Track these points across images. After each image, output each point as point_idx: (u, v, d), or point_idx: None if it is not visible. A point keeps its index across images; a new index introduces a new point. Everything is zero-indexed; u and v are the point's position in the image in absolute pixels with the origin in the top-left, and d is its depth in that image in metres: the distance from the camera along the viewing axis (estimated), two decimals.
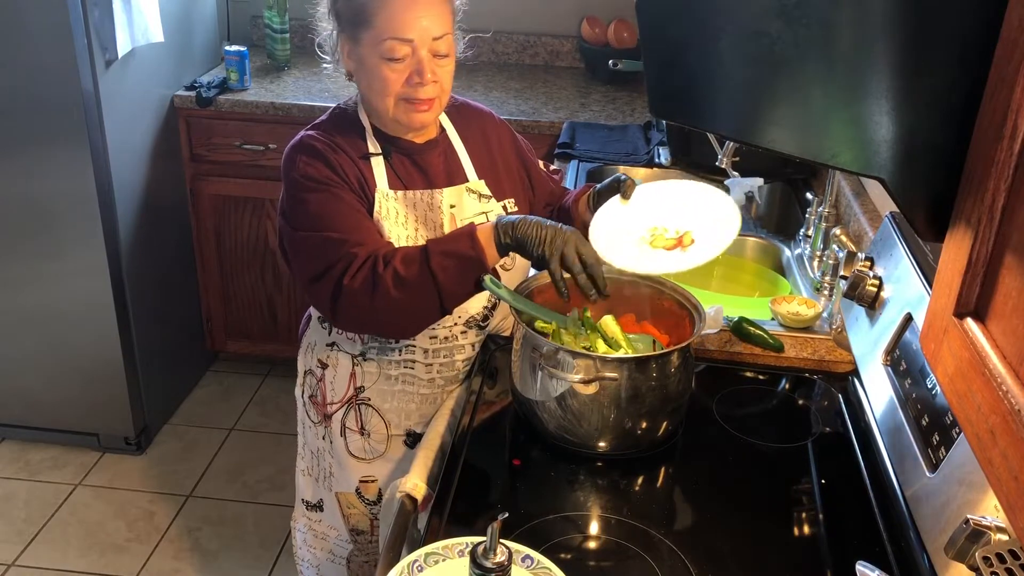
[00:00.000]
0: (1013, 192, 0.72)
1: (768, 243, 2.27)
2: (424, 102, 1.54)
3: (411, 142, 1.63)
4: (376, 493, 1.77)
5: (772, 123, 0.95)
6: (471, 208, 1.64)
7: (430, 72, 1.51)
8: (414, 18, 1.49)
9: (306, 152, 1.57)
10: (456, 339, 1.68)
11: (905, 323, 1.39)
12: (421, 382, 1.69)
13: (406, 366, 1.67)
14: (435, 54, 1.52)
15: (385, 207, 1.58)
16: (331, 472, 1.79)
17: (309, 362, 1.77)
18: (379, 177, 1.59)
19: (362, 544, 1.84)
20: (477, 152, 1.70)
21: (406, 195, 1.60)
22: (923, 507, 1.25)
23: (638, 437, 1.50)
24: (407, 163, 1.63)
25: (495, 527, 1.10)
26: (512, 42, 3.51)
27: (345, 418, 1.74)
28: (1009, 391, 0.69)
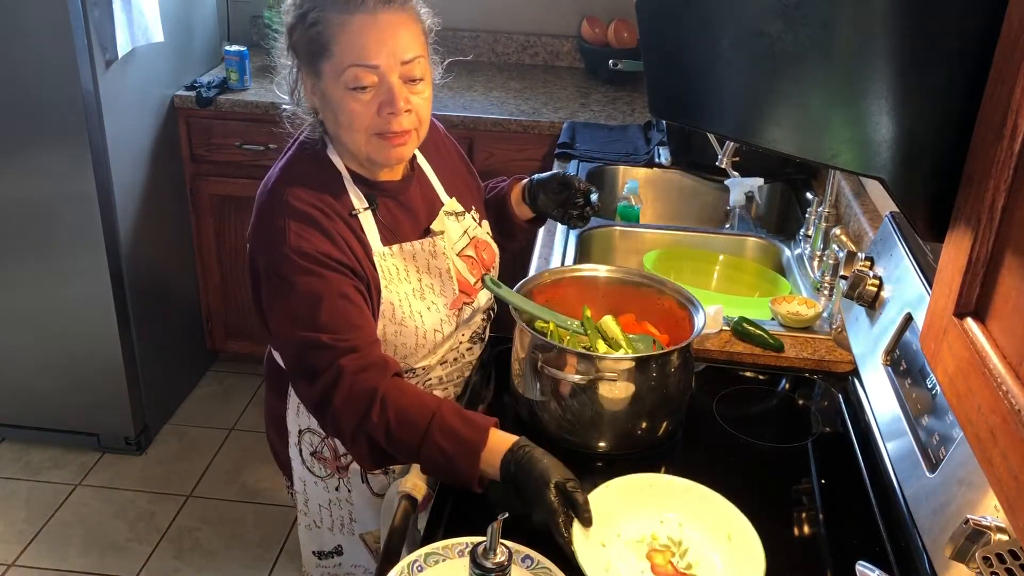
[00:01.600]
0: (1013, 192, 0.72)
1: (768, 243, 2.27)
2: (399, 135, 1.39)
3: (392, 182, 1.52)
4: None
5: (772, 123, 0.95)
6: (454, 232, 1.59)
7: (402, 100, 1.36)
8: (377, 41, 1.34)
9: (298, 219, 1.39)
10: (464, 356, 1.66)
11: (905, 323, 1.39)
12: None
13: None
14: (407, 79, 1.37)
15: (384, 267, 1.46)
16: (352, 519, 1.70)
17: (306, 421, 1.63)
18: (371, 236, 1.46)
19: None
20: (440, 169, 1.63)
21: (402, 248, 1.50)
22: (923, 507, 1.25)
23: (638, 437, 1.50)
24: (392, 206, 1.51)
25: (495, 527, 1.10)
26: (512, 42, 3.51)
27: None
28: (1009, 391, 0.69)
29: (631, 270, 1.71)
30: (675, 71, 1.04)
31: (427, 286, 1.53)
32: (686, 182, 2.68)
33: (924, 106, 0.84)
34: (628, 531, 1.30)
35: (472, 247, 1.63)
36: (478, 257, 1.63)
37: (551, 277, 1.66)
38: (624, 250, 2.30)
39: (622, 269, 1.71)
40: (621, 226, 2.33)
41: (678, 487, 1.36)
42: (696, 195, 2.69)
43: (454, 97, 3.10)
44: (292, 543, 2.73)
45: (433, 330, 1.53)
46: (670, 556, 1.28)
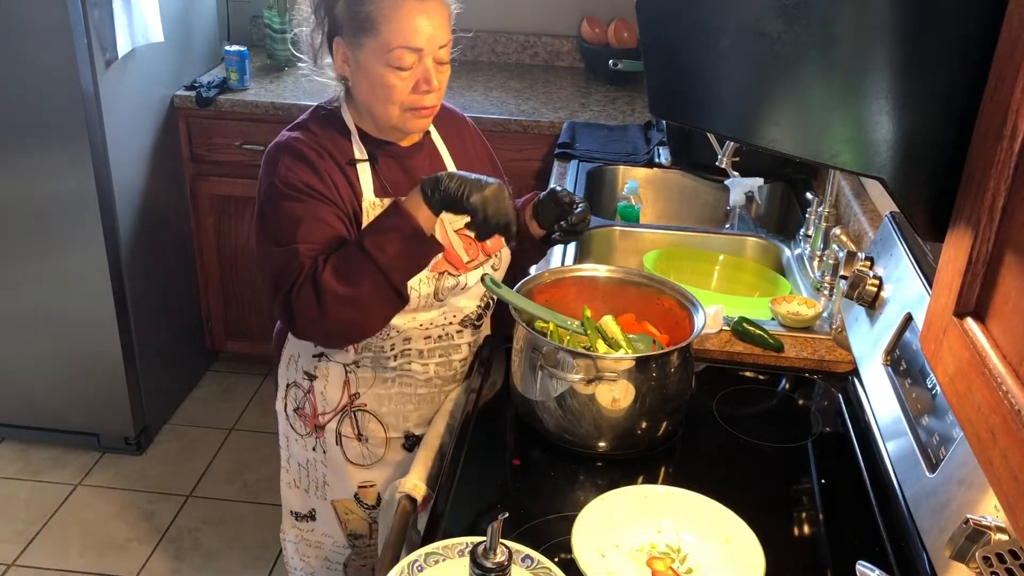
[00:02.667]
0: (1013, 192, 0.72)
1: (768, 243, 2.27)
2: (428, 109, 1.55)
3: (399, 146, 1.63)
4: (375, 498, 1.77)
5: (772, 123, 0.95)
6: None
7: (436, 80, 1.52)
8: (422, 27, 1.48)
9: (291, 155, 1.53)
10: (452, 338, 1.68)
11: (905, 323, 1.39)
12: (419, 382, 1.69)
13: (403, 368, 1.67)
14: (438, 61, 1.53)
15: (370, 214, 1.55)
16: (325, 482, 1.78)
17: (292, 375, 1.73)
18: (365, 184, 1.57)
19: (360, 548, 1.84)
20: (457, 153, 1.72)
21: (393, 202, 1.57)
22: (923, 507, 1.25)
23: (638, 437, 1.50)
24: (394, 167, 1.62)
25: (495, 527, 1.10)
26: (512, 42, 3.50)
27: (340, 426, 1.72)
28: (1009, 391, 0.69)
29: (631, 270, 1.71)
30: (675, 71, 1.04)
31: None
32: (686, 182, 2.69)
33: (924, 106, 0.84)
34: (626, 542, 1.31)
35: None
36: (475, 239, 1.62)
37: (551, 277, 1.66)
38: (624, 250, 2.30)
39: (622, 269, 1.71)
40: (621, 226, 2.33)
41: (673, 496, 1.36)
42: (696, 195, 2.69)
43: (454, 97, 3.10)
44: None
45: (410, 288, 1.54)
46: (670, 562, 1.28)
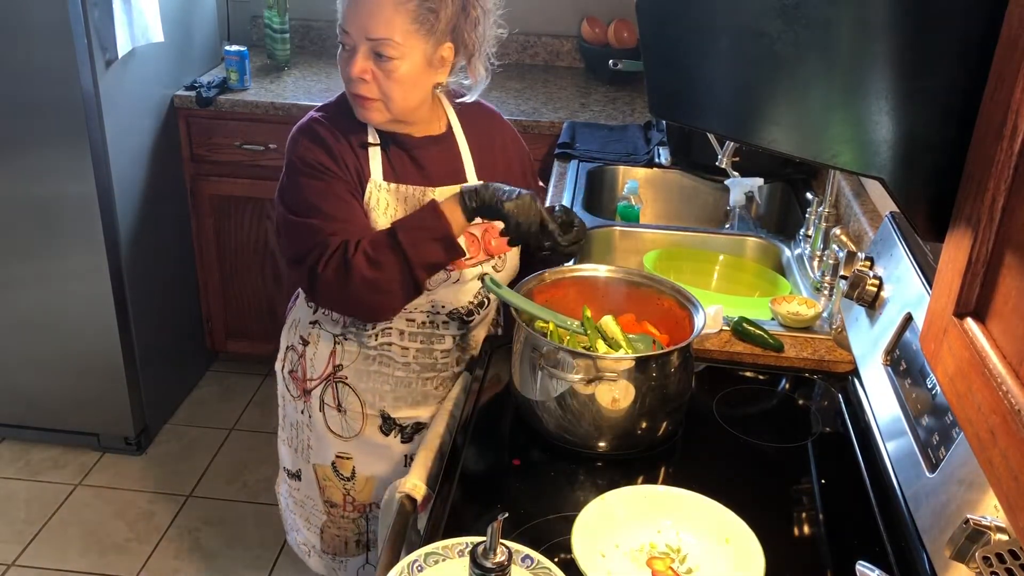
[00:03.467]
0: (1013, 192, 0.72)
1: (768, 243, 2.27)
2: (362, 98, 1.56)
3: (408, 136, 1.66)
4: (351, 471, 1.80)
5: (772, 123, 0.95)
6: None
7: (358, 69, 1.52)
8: (355, 11, 1.52)
9: (309, 136, 1.62)
10: (437, 328, 1.70)
11: (905, 323, 1.39)
12: (396, 364, 1.72)
13: (383, 348, 1.70)
14: (375, 53, 1.52)
15: (376, 197, 1.62)
16: (309, 445, 1.84)
17: (292, 338, 1.82)
18: (374, 167, 1.63)
19: (335, 517, 1.87)
20: (481, 152, 1.72)
21: (398, 188, 1.63)
22: (923, 507, 1.25)
23: (638, 437, 1.50)
24: (404, 157, 1.66)
25: (495, 527, 1.10)
26: (512, 42, 3.50)
27: (323, 394, 1.77)
28: (1009, 391, 0.69)
29: (631, 270, 1.71)
30: (675, 71, 1.04)
31: None
32: (686, 182, 2.69)
33: (924, 106, 0.84)
34: (626, 542, 1.31)
35: (479, 228, 1.68)
36: (483, 239, 1.68)
37: (551, 277, 1.65)
38: (624, 250, 2.30)
39: (622, 269, 1.71)
40: (621, 226, 2.33)
41: (673, 497, 1.36)
42: (696, 195, 2.69)
43: None
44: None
45: None
46: (670, 562, 1.28)
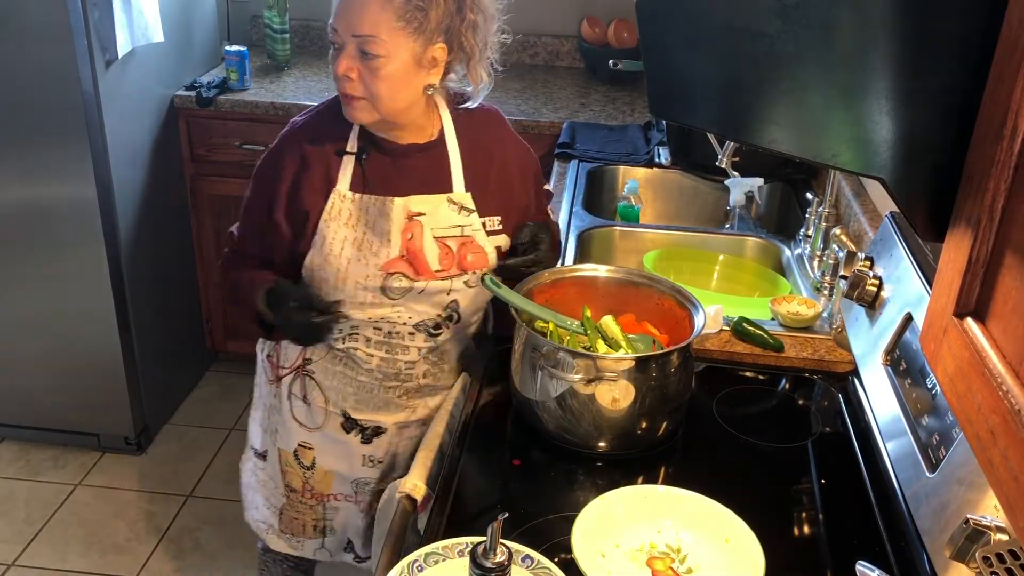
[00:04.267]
0: (1013, 192, 0.72)
1: (768, 243, 2.27)
2: (348, 97, 1.54)
3: (393, 143, 1.62)
4: (311, 460, 1.81)
5: (772, 123, 0.95)
6: (447, 219, 1.61)
7: (344, 66, 1.50)
8: (343, 9, 1.50)
9: (278, 142, 1.65)
10: (402, 338, 1.67)
11: (905, 323, 1.39)
12: (360, 369, 1.71)
13: (349, 351, 1.70)
14: (361, 51, 1.50)
15: (338, 207, 1.59)
16: (276, 429, 1.85)
17: None
18: (343, 177, 1.61)
19: (294, 501, 1.88)
20: (474, 162, 1.67)
21: (361, 199, 1.60)
22: (923, 507, 1.25)
23: (638, 437, 1.50)
24: (386, 164, 1.62)
25: (495, 527, 1.10)
26: (512, 42, 3.49)
27: (292, 384, 1.78)
28: (1009, 391, 0.69)
29: (631, 270, 1.71)
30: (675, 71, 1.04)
31: (368, 240, 1.59)
32: (686, 182, 2.68)
33: (924, 106, 0.84)
34: (626, 542, 1.31)
35: (457, 241, 1.62)
36: (457, 252, 1.63)
37: (551, 277, 1.66)
38: (624, 250, 2.30)
39: (622, 269, 1.71)
40: (621, 226, 2.33)
41: (673, 497, 1.37)
42: (696, 195, 2.69)
43: None
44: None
45: (355, 281, 1.60)
46: (670, 562, 1.28)
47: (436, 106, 1.65)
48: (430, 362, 1.72)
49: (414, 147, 1.63)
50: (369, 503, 1.83)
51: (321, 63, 3.41)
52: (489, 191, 1.66)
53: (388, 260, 1.58)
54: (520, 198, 1.72)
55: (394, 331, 1.67)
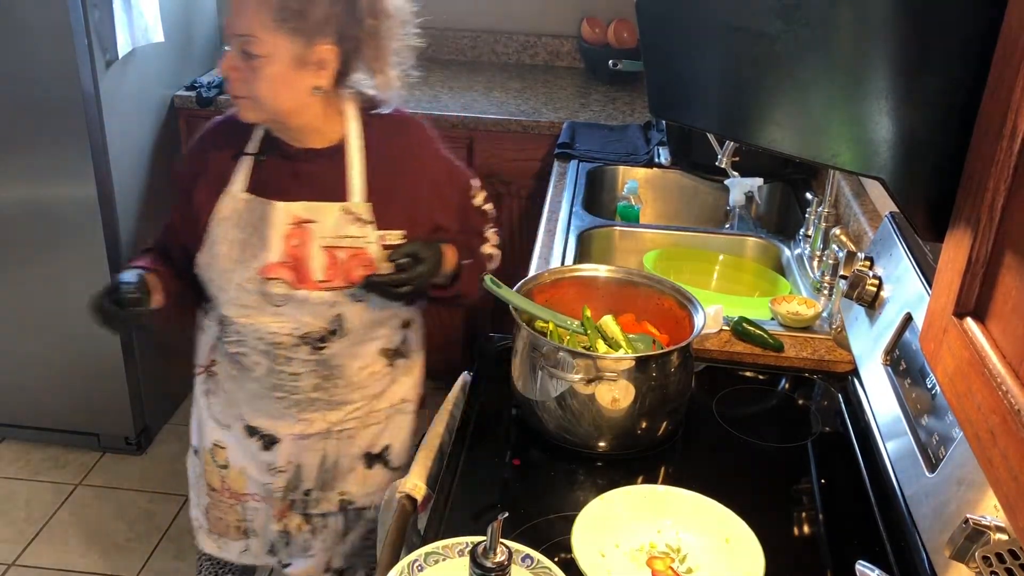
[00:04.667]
0: (1013, 192, 0.72)
1: (768, 243, 2.27)
2: (234, 97, 1.52)
3: (291, 146, 1.59)
4: (225, 459, 1.77)
5: (772, 123, 0.95)
6: (338, 229, 1.56)
7: (226, 65, 1.49)
8: (231, 10, 1.48)
9: (194, 141, 1.69)
10: (286, 349, 1.62)
11: (905, 323, 1.39)
12: (249, 375, 1.67)
13: (238, 356, 1.67)
14: (244, 51, 1.48)
15: (229, 208, 1.58)
16: (199, 425, 1.83)
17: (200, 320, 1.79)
18: (238, 178, 1.59)
19: (216, 500, 1.83)
20: (380, 172, 1.59)
21: (249, 201, 1.58)
22: (923, 507, 1.25)
23: (638, 437, 1.50)
24: (283, 168, 1.59)
25: (495, 527, 1.10)
26: (512, 42, 3.50)
27: (205, 383, 1.77)
28: (1009, 391, 0.69)
29: (631, 270, 1.71)
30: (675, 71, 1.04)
31: (251, 243, 1.58)
32: (686, 182, 2.69)
33: (924, 106, 0.84)
34: (626, 542, 1.31)
35: (347, 252, 1.57)
36: (345, 264, 1.57)
37: (551, 277, 1.66)
38: (624, 250, 2.30)
39: (622, 269, 1.71)
40: (621, 226, 2.33)
41: (673, 496, 1.37)
42: (696, 195, 2.69)
43: (454, 97, 3.11)
44: None
45: (237, 283, 1.58)
46: (670, 562, 1.28)
47: (340, 109, 1.59)
48: (320, 376, 1.65)
49: (312, 152, 1.59)
50: (281, 511, 1.79)
51: None
52: (394, 203, 1.60)
53: (266, 265, 1.55)
54: (431, 215, 1.64)
55: (277, 341, 1.61)
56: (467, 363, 1.82)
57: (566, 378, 1.43)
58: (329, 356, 1.64)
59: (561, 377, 1.43)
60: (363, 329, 1.64)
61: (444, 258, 1.61)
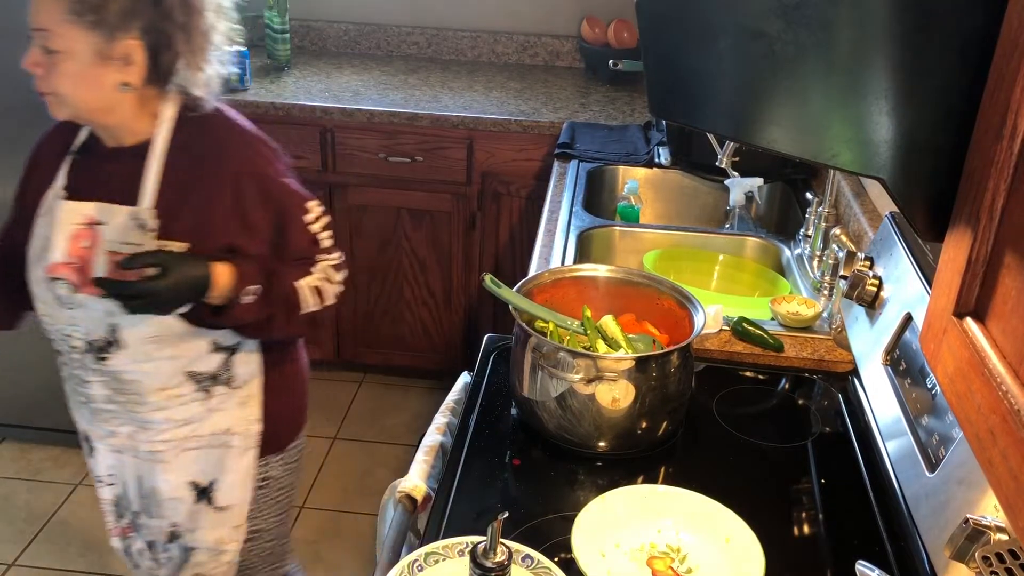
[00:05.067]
0: (1013, 192, 0.72)
1: (768, 243, 2.27)
2: (41, 93, 1.48)
3: (101, 147, 1.53)
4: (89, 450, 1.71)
5: (772, 123, 0.95)
6: (123, 234, 1.48)
7: (28, 61, 1.46)
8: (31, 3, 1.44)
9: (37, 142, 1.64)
10: (78, 352, 1.55)
11: (905, 323, 1.39)
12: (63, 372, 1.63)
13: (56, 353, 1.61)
14: (44, 46, 1.44)
15: (47, 205, 1.53)
16: None
17: None
18: (60, 176, 1.54)
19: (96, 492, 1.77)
20: (176, 178, 1.49)
21: (54, 198, 1.52)
22: (923, 507, 1.25)
23: (638, 437, 1.50)
24: (94, 167, 1.54)
25: (495, 527, 1.10)
26: (512, 42, 3.50)
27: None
28: (1009, 391, 0.69)
29: (631, 270, 1.71)
30: (675, 71, 1.04)
31: (48, 241, 1.52)
32: (686, 182, 2.69)
33: (924, 106, 0.84)
34: (626, 542, 1.31)
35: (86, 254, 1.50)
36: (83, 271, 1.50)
37: (551, 277, 1.66)
38: (624, 250, 2.30)
39: (622, 269, 1.71)
40: (621, 226, 2.33)
41: (673, 496, 1.37)
42: (696, 195, 2.69)
43: (454, 97, 3.11)
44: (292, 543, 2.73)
45: (34, 280, 1.54)
46: (670, 562, 1.28)
47: (154, 108, 1.51)
48: (111, 388, 1.56)
49: (120, 151, 1.52)
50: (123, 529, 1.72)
51: (321, 63, 3.41)
52: (183, 211, 1.49)
53: (51, 264, 1.50)
54: (226, 232, 1.50)
55: (72, 344, 1.55)
56: (467, 363, 1.83)
57: (566, 378, 1.43)
58: (115, 369, 1.54)
59: (561, 377, 1.43)
60: (144, 344, 1.51)
61: (213, 278, 1.45)
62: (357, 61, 3.47)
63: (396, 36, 3.54)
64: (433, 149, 2.99)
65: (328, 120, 2.98)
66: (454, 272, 3.18)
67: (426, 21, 3.52)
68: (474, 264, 3.16)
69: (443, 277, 3.20)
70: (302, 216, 1.57)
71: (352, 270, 3.22)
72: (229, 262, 1.48)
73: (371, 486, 2.92)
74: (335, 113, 2.96)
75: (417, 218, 3.11)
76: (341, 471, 3.03)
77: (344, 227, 3.14)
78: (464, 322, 3.26)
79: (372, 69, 3.38)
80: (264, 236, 1.53)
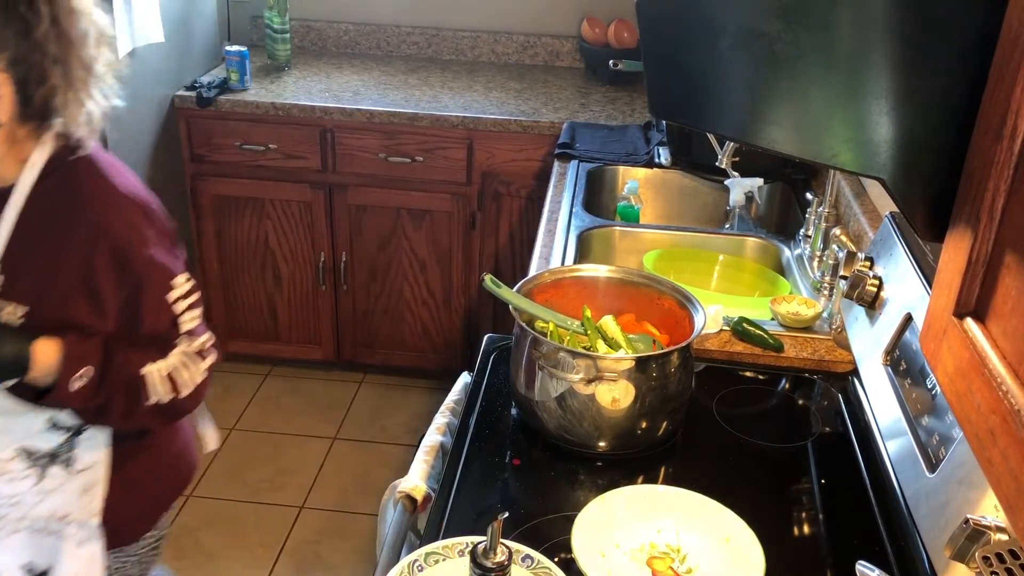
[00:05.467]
0: (1013, 192, 0.72)
1: (768, 243, 2.27)
2: None
3: None
4: None
5: (772, 123, 0.95)
6: None
7: None
8: None
9: None
10: None
11: (905, 323, 1.39)
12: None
13: None
14: None
15: None
16: None
17: None
18: None
19: None
20: (29, 232, 1.33)
21: None
22: (923, 507, 1.25)
23: (638, 437, 1.50)
24: None
25: (495, 527, 1.10)
26: (512, 42, 3.50)
27: None
28: (1009, 391, 0.69)
29: (631, 270, 1.71)
30: (675, 71, 1.04)
31: None
32: (686, 182, 2.69)
33: (924, 106, 0.84)
34: (626, 542, 1.31)
35: None
36: None
37: (551, 277, 1.66)
38: (624, 250, 2.30)
39: (622, 269, 1.71)
40: (621, 226, 2.33)
41: (673, 496, 1.37)
42: (696, 195, 2.69)
43: (454, 97, 3.11)
44: (292, 543, 2.74)
45: None
46: (670, 562, 1.28)
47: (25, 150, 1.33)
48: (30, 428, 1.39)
49: None
50: None
51: (321, 63, 3.41)
52: (28, 270, 1.33)
53: None
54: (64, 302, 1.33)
55: None
56: (467, 363, 1.83)
57: (566, 378, 1.43)
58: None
59: (561, 377, 1.43)
60: None
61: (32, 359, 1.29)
62: (357, 61, 3.47)
63: (396, 36, 3.54)
64: (433, 149, 3.00)
65: (328, 120, 2.98)
66: (454, 272, 3.18)
67: (426, 21, 3.52)
68: (474, 264, 3.16)
69: (443, 277, 3.20)
70: (163, 294, 1.38)
71: (352, 270, 3.23)
72: (61, 339, 1.31)
73: (371, 486, 2.92)
74: (335, 113, 2.96)
75: (417, 218, 3.11)
76: (341, 471, 3.03)
77: (344, 227, 3.14)
78: (464, 322, 3.26)
79: (372, 69, 3.38)
80: (112, 311, 1.35)
